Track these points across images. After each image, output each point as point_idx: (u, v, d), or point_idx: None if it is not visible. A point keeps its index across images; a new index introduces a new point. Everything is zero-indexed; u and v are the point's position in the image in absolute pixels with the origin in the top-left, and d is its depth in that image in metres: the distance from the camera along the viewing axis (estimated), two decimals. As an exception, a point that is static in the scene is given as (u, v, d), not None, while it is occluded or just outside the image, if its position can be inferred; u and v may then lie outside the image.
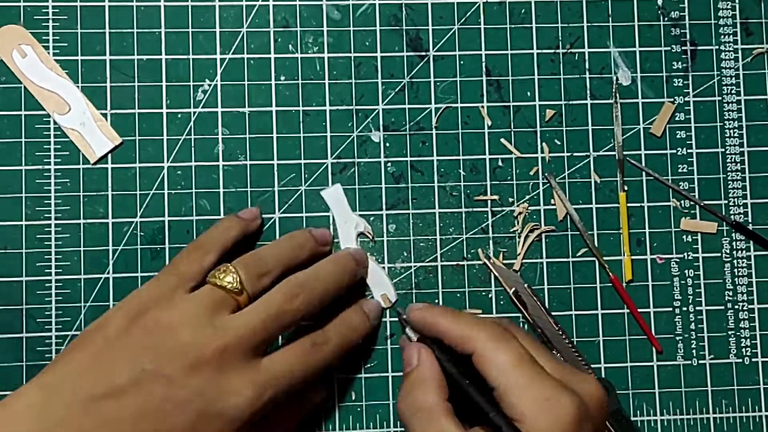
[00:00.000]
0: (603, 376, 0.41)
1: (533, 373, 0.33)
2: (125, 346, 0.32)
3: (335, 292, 0.37)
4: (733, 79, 0.43)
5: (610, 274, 0.42)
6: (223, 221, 0.39)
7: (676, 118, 0.43)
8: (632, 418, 0.41)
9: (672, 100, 0.43)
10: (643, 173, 0.43)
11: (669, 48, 0.43)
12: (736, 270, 0.42)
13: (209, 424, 0.32)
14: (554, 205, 0.42)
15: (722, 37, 0.44)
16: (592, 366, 0.41)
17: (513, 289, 0.41)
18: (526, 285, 0.41)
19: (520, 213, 0.42)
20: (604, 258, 0.42)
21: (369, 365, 0.41)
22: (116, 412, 0.31)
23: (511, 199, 0.42)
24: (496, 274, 0.41)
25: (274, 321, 0.34)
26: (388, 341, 0.41)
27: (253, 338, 0.33)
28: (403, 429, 0.38)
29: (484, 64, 0.43)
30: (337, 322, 0.38)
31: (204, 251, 0.36)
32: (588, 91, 0.43)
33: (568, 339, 0.40)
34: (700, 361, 0.42)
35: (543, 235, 0.42)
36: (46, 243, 0.40)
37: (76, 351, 0.33)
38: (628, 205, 0.42)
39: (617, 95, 0.43)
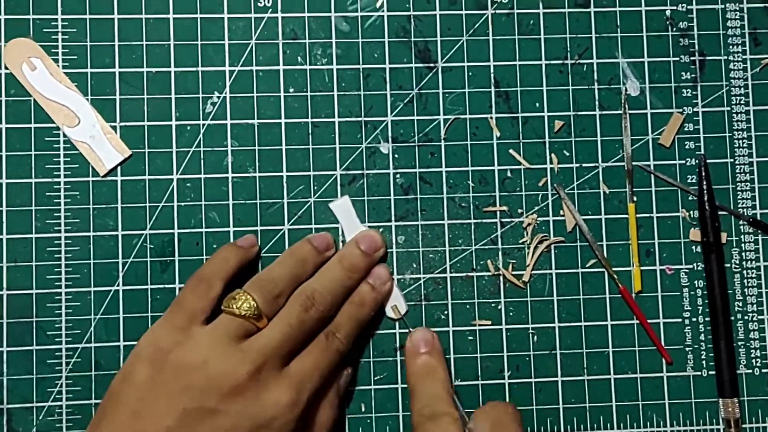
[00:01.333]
0: (613, 387, 0.41)
1: None
2: (160, 393, 0.33)
3: (348, 290, 0.39)
4: (742, 89, 0.43)
5: (620, 285, 0.42)
6: (221, 251, 0.39)
7: (685, 129, 0.43)
8: (642, 429, 0.41)
9: (681, 110, 0.43)
10: (653, 184, 0.43)
11: (677, 58, 0.43)
12: (745, 281, 0.42)
13: None
14: (563, 216, 0.42)
15: (731, 47, 0.44)
16: (602, 377, 0.41)
17: None
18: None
19: (529, 224, 0.42)
20: (614, 269, 0.42)
21: (378, 377, 0.41)
22: None
23: (520, 210, 0.42)
24: None
25: (297, 332, 0.36)
26: (398, 353, 0.41)
27: (280, 352, 0.35)
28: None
29: (492, 75, 0.43)
30: (345, 308, 0.39)
31: (208, 284, 0.37)
32: (596, 102, 0.43)
33: None
34: (710, 372, 0.42)
35: (552, 246, 0.42)
36: (56, 256, 0.40)
37: (112, 408, 0.33)
38: (637, 216, 0.42)
39: (626, 106, 0.43)
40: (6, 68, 0.41)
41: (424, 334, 0.39)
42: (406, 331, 0.41)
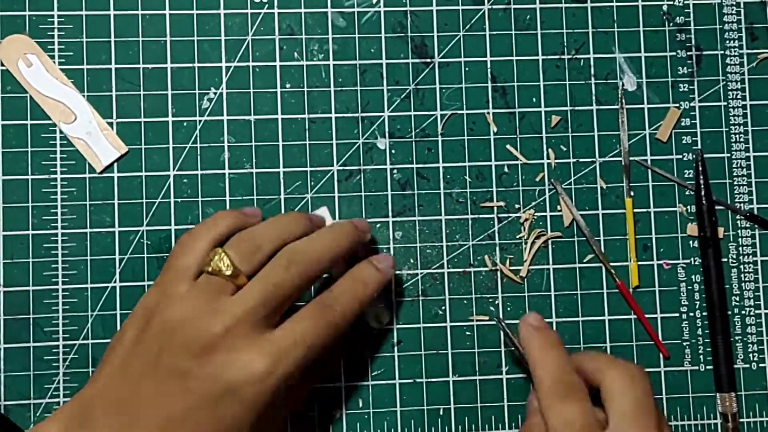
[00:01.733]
0: (610, 382, 0.41)
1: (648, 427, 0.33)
2: (141, 353, 0.33)
3: (334, 256, 0.36)
4: (739, 84, 0.43)
5: (617, 280, 0.42)
6: (217, 213, 0.38)
7: (682, 124, 0.43)
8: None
9: (677, 105, 0.43)
10: (650, 179, 0.43)
11: (674, 53, 0.43)
12: (742, 275, 0.42)
13: (231, 405, 0.32)
14: (560, 211, 0.42)
15: (727, 42, 0.44)
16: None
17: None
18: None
19: (526, 219, 0.42)
20: (611, 264, 0.42)
21: (376, 373, 0.41)
22: (144, 414, 0.31)
23: (517, 206, 0.42)
24: (506, 331, 0.40)
25: (274, 292, 0.33)
26: (395, 348, 0.41)
27: (256, 314, 0.33)
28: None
29: (489, 70, 0.43)
30: (345, 279, 0.37)
31: (194, 240, 0.35)
32: (593, 97, 0.43)
33: None
34: (708, 367, 0.42)
35: (549, 242, 0.42)
36: (52, 252, 0.40)
37: (103, 367, 0.34)
38: (635, 210, 0.42)
39: (623, 101, 0.43)
40: (2, 65, 0.41)
41: (536, 315, 0.38)
42: (404, 326, 0.41)
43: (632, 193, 0.42)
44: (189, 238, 0.36)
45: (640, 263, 0.42)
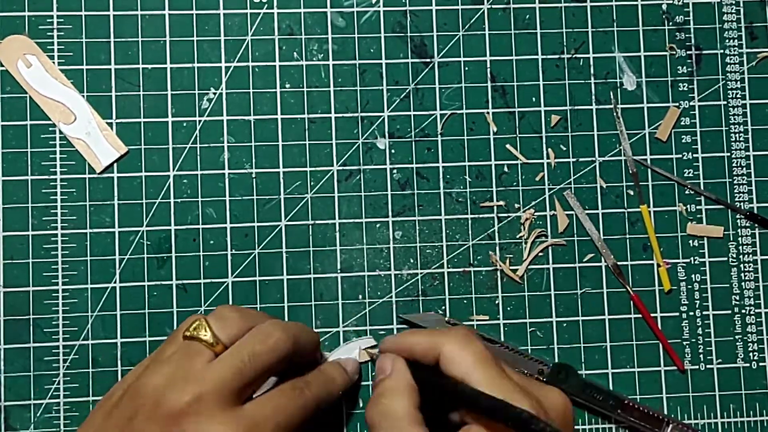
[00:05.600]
0: (610, 381, 0.41)
1: (495, 373, 0.33)
2: (117, 416, 0.32)
3: (308, 343, 0.37)
4: (738, 83, 0.43)
5: (631, 292, 0.42)
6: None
7: (682, 123, 0.43)
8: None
9: (677, 104, 0.43)
10: (649, 178, 0.43)
11: (674, 53, 0.43)
12: (742, 274, 0.42)
13: None
14: (569, 211, 0.42)
15: (727, 41, 0.44)
16: (600, 371, 0.41)
17: (437, 328, 0.40)
18: (447, 318, 0.41)
19: (526, 219, 0.42)
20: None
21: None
22: None
23: (517, 205, 0.42)
24: (416, 324, 0.41)
25: (249, 364, 0.33)
26: (396, 348, 0.41)
27: (229, 384, 0.32)
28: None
29: (488, 70, 0.43)
30: (317, 372, 0.37)
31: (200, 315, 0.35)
32: (593, 97, 0.43)
33: (512, 347, 0.40)
34: (708, 366, 0.42)
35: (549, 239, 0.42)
36: (52, 253, 0.40)
37: (86, 425, 0.33)
38: (633, 210, 0.42)
39: (618, 111, 0.43)
40: (1, 65, 0.41)
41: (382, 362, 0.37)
42: (405, 327, 0.41)
43: (634, 191, 0.42)
44: (192, 316, 0.35)
45: (639, 263, 0.42)
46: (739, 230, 0.43)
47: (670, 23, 0.43)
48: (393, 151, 0.42)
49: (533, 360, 0.40)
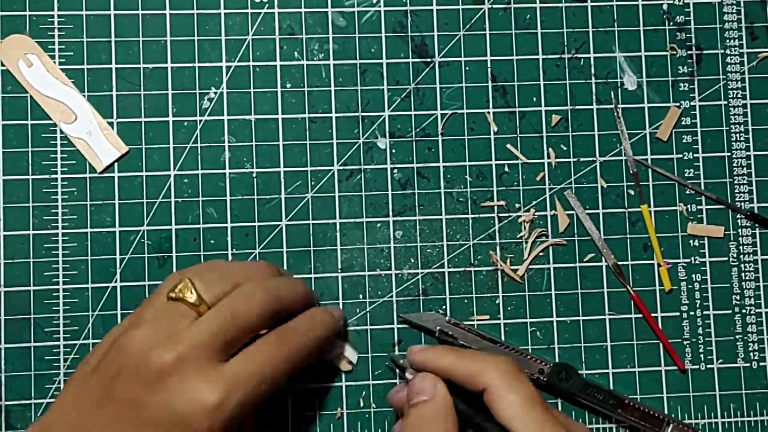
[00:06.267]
0: (611, 381, 0.41)
1: (546, 416, 0.33)
2: (98, 378, 0.32)
3: (293, 300, 0.36)
4: (739, 83, 0.43)
5: (631, 291, 0.42)
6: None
7: (682, 123, 0.43)
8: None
9: (678, 104, 0.43)
10: (650, 178, 0.43)
11: (674, 52, 0.43)
12: (743, 274, 0.42)
13: None
14: (570, 211, 0.42)
15: (727, 41, 0.44)
16: (600, 371, 0.41)
17: (437, 328, 0.40)
18: (447, 318, 0.41)
19: (526, 219, 0.42)
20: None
21: (377, 372, 0.41)
22: (91, 428, 0.31)
23: (517, 205, 0.42)
24: (416, 323, 0.41)
25: (231, 323, 0.33)
26: (396, 348, 0.41)
27: (211, 343, 0.32)
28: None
29: (489, 69, 0.43)
30: (302, 317, 0.37)
31: (180, 274, 0.35)
32: (594, 96, 0.43)
33: (512, 347, 0.40)
34: (708, 366, 0.42)
35: (550, 238, 0.42)
36: (53, 252, 0.40)
37: (66, 391, 0.33)
38: (634, 210, 0.42)
39: (619, 111, 0.43)
40: (2, 65, 0.41)
41: (422, 382, 0.36)
42: (407, 326, 0.41)
43: (635, 191, 0.42)
44: (175, 273, 0.35)
45: (640, 262, 0.42)
46: (739, 230, 0.43)
47: (671, 23, 0.43)
48: (394, 150, 0.42)
49: (534, 359, 0.40)
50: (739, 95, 0.43)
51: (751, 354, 0.42)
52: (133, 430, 0.31)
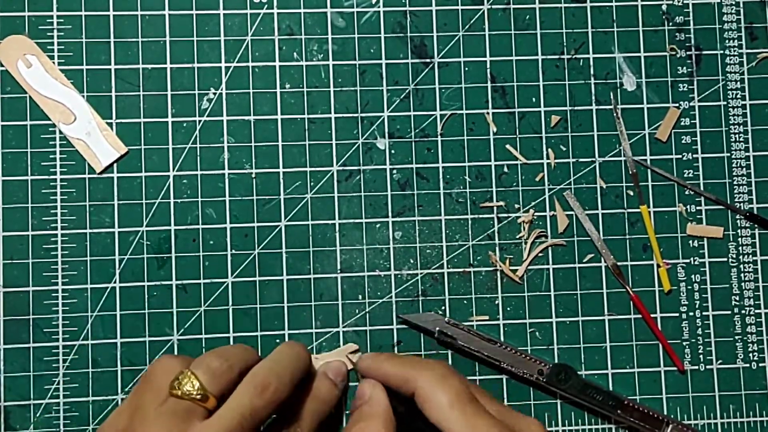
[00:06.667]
0: (610, 382, 0.41)
1: (473, 411, 0.33)
2: None
3: (301, 374, 0.36)
4: (738, 83, 0.43)
5: (631, 292, 0.42)
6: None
7: (682, 123, 0.43)
8: (640, 424, 0.41)
9: (677, 105, 0.43)
10: (649, 179, 0.43)
11: (674, 53, 0.43)
12: (742, 275, 0.42)
13: None
14: (569, 212, 0.42)
15: (727, 41, 0.44)
16: (599, 372, 0.41)
17: (437, 329, 0.40)
18: (446, 319, 0.41)
19: (526, 220, 0.42)
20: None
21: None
22: None
23: (517, 206, 0.42)
24: (415, 324, 0.41)
25: (249, 419, 0.32)
26: (396, 348, 0.41)
27: None
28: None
29: (488, 70, 0.43)
30: (309, 401, 0.37)
31: (176, 362, 0.34)
32: (593, 97, 0.43)
33: (512, 348, 0.40)
34: (708, 367, 0.42)
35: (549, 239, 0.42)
36: (52, 253, 0.40)
37: None
38: (633, 210, 0.42)
39: (618, 111, 0.43)
40: (1, 65, 0.41)
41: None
42: (404, 327, 0.41)
43: (634, 192, 0.42)
44: (167, 357, 0.34)
45: (639, 263, 0.42)
46: (738, 231, 0.43)
47: (670, 24, 0.43)
48: (393, 151, 0.42)
49: (533, 360, 0.40)
50: (738, 96, 0.43)
51: (751, 355, 0.42)
52: None
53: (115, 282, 0.41)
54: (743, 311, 0.42)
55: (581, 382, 0.40)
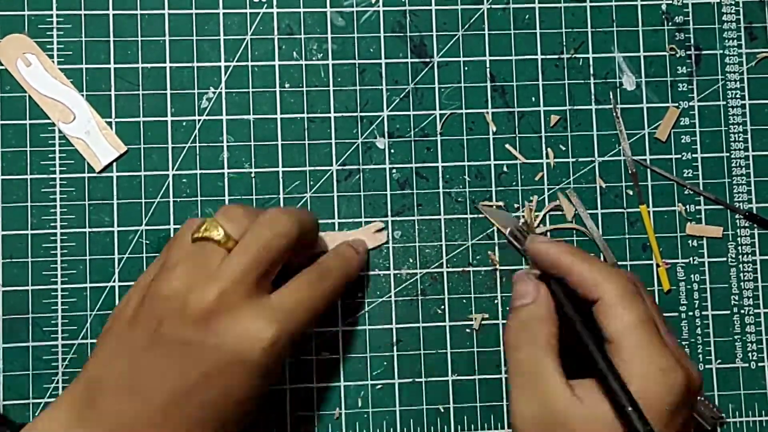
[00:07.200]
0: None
1: (654, 339, 0.32)
2: (140, 327, 0.32)
3: (312, 225, 0.37)
4: (738, 83, 0.43)
5: None
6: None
7: (681, 123, 0.43)
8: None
9: (677, 104, 0.43)
10: (649, 178, 0.43)
11: (673, 53, 0.43)
12: (741, 274, 0.42)
13: (239, 374, 0.31)
14: (560, 211, 0.42)
15: (726, 41, 0.44)
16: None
17: (508, 229, 0.41)
18: (521, 222, 0.41)
19: (525, 219, 0.42)
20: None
21: (375, 372, 0.41)
22: (149, 390, 0.31)
23: (516, 205, 0.42)
24: (489, 216, 0.41)
25: (263, 252, 0.33)
26: (395, 347, 0.41)
27: (249, 275, 0.32)
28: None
29: (488, 69, 0.43)
30: (329, 255, 0.38)
31: (198, 219, 0.35)
32: (593, 97, 0.43)
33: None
34: (707, 366, 0.42)
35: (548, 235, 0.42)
36: (51, 252, 0.40)
37: (104, 343, 0.33)
38: (633, 210, 0.42)
39: (617, 111, 0.43)
40: (1, 64, 0.41)
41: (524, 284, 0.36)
42: (403, 326, 0.41)
43: (633, 192, 0.42)
44: (193, 219, 0.36)
45: (638, 263, 0.42)
46: (738, 230, 0.43)
47: (670, 23, 0.43)
48: (392, 150, 0.42)
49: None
50: (738, 95, 0.43)
51: (750, 354, 0.42)
52: (185, 374, 0.31)
53: (114, 281, 0.41)
54: (742, 311, 0.42)
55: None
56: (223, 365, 0.31)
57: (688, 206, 0.43)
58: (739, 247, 0.43)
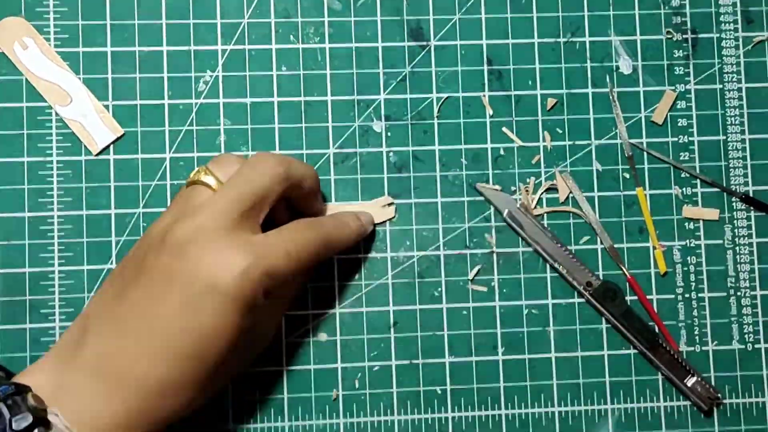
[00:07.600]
0: (605, 363, 0.41)
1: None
2: (130, 263, 0.34)
3: (303, 171, 0.37)
4: (734, 66, 0.43)
5: (627, 274, 0.42)
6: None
7: (678, 106, 0.43)
8: (635, 404, 0.41)
9: (673, 88, 0.43)
10: (645, 161, 0.43)
11: (670, 36, 0.43)
12: (738, 257, 0.43)
13: (212, 304, 0.31)
14: (557, 194, 0.42)
15: (723, 25, 0.44)
16: (596, 353, 0.41)
17: (506, 210, 0.41)
18: (518, 204, 0.41)
19: (522, 202, 0.42)
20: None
21: (372, 354, 0.41)
22: (132, 320, 0.32)
23: (513, 188, 0.42)
24: (488, 198, 0.41)
25: (247, 189, 0.34)
26: (392, 329, 0.41)
27: (228, 210, 0.33)
28: (405, 416, 0.39)
29: (485, 53, 0.43)
30: (329, 216, 0.39)
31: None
32: (589, 80, 0.43)
33: (571, 253, 0.41)
34: (703, 348, 0.42)
35: (545, 217, 0.42)
36: (48, 234, 0.40)
37: (104, 282, 0.35)
38: (629, 193, 0.42)
39: (614, 95, 0.43)
40: (-2, 47, 0.41)
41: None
42: (400, 308, 0.41)
43: (631, 175, 0.43)
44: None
45: (635, 245, 0.42)
46: (734, 213, 0.43)
47: (666, 7, 0.43)
48: (389, 134, 0.42)
49: (587, 271, 0.41)
50: (734, 79, 0.43)
51: (746, 336, 0.42)
52: (164, 303, 0.32)
53: (111, 263, 0.41)
54: (739, 293, 0.42)
55: (625, 306, 0.40)
56: (197, 292, 0.31)
57: (684, 189, 0.43)
58: (736, 230, 0.43)
